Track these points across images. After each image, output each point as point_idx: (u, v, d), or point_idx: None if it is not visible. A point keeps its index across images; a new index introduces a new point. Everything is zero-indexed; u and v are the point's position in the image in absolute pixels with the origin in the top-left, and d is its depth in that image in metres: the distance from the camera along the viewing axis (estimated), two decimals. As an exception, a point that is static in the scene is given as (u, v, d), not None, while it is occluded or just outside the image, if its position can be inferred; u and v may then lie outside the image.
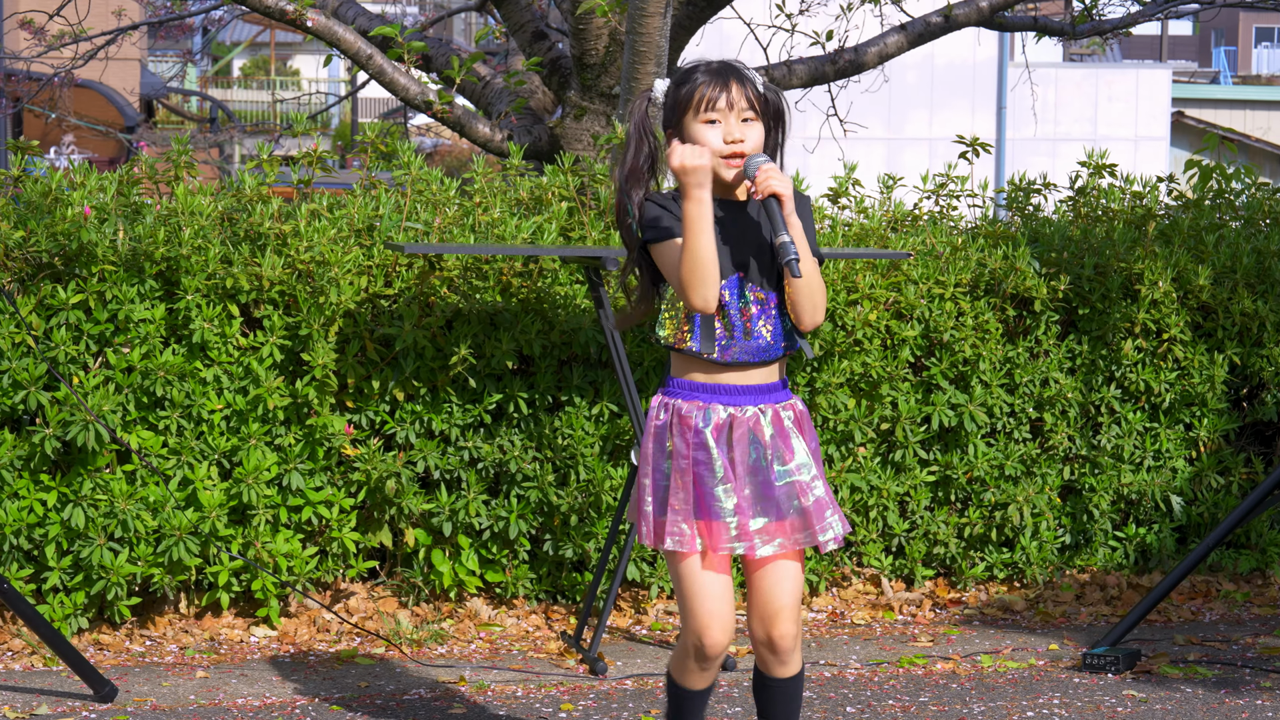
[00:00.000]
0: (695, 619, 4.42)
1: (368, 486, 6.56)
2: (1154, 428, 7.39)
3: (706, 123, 4.36)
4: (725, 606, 4.43)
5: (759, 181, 4.31)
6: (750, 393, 4.41)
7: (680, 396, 4.42)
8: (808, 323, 4.40)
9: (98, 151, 22.26)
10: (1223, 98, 34.21)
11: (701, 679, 4.55)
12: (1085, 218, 7.66)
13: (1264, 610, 7.17)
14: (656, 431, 4.44)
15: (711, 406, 4.39)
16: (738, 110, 4.37)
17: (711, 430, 4.37)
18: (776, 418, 4.42)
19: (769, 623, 4.46)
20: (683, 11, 9.33)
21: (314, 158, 6.94)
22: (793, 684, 4.56)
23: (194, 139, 22.90)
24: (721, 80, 4.37)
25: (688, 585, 4.42)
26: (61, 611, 6.27)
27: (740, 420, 4.39)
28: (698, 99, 4.36)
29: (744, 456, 4.38)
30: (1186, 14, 12.21)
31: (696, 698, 4.59)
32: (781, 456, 4.41)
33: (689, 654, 4.49)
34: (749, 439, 4.39)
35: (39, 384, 6.21)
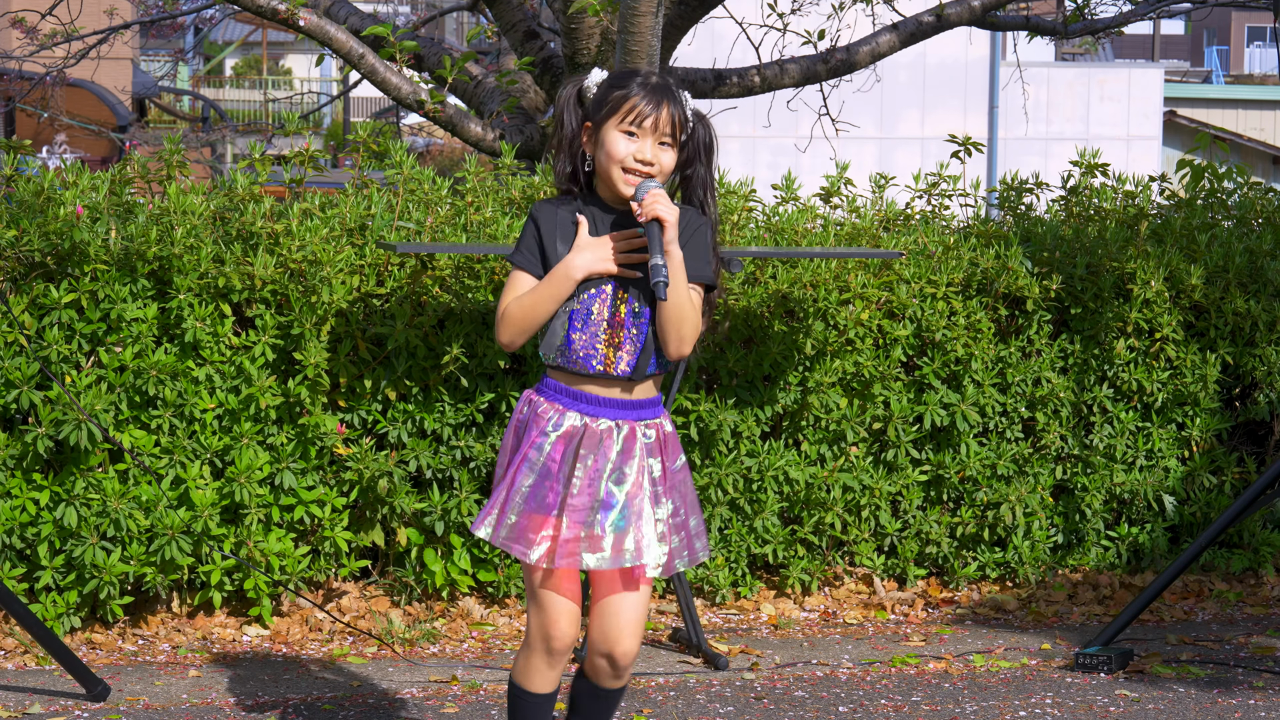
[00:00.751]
0: (540, 612, 4.41)
1: (360, 486, 6.56)
2: (1146, 427, 7.39)
3: (625, 133, 4.35)
4: (570, 603, 4.42)
5: (645, 204, 4.29)
6: (610, 405, 4.39)
7: (544, 395, 4.42)
8: (672, 352, 4.36)
9: (90, 151, 22.27)
10: (1215, 97, 34.24)
11: (547, 679, 4.49)
12: (1077, 217, 7.67)
13: (1256, 610, 7.17)
14: (516, 426, 4.44)
15: (567, 412, 4.38)
16: (659, 133, 4.36)
17: (557, 436, 4.36)
18: (630, 435, 4.39)
19: (612, 642, 4.44)
20: (675, 11, 9.33)
21: (306, 157, 6.94)
22: (620, 693, 4.57)
23: (186, 138, 22.88)
24: (655, 99, 4.36)
25: (532, 579, 4.42)
26: (54, 610, 6.27)
27: (591, 431, 4.37)
28: (626, 108, 4.35)
29: (585, 466, 4.34)
30: (1178, 13, 12.23)
31: (544, 702, 4.52)
32: (620, 475, 4.37)
33: (535, 650, 4.46)
34: (596, 450, 4.36)
35: (31, 383, 6.21)
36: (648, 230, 4.31)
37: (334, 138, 38.56)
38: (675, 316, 4.33)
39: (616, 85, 4.39)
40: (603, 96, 4.40)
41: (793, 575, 7.00)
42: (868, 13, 10.76)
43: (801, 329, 6.90)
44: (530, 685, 4.51)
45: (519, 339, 4.39)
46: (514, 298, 4.38)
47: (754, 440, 6.94)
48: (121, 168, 6.75)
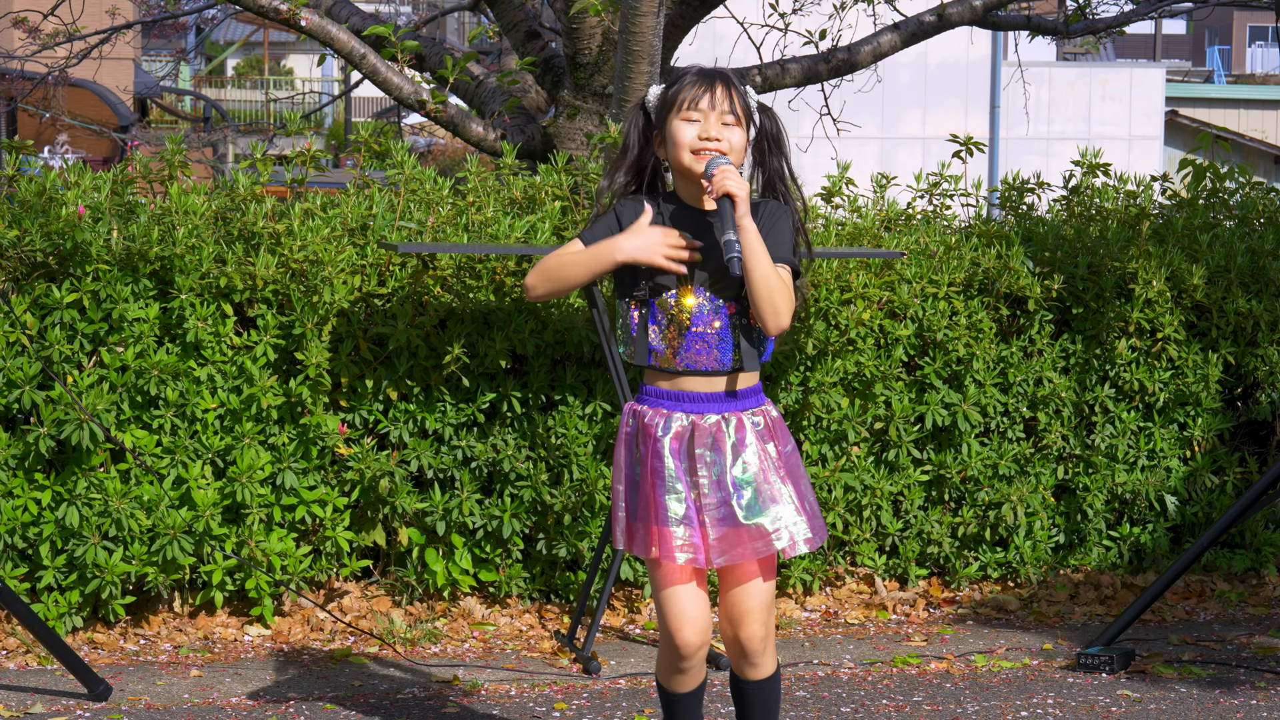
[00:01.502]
0: (667, 620, 4.49)
1: (361, 485, 6.56)
2: (1148, 427, 7.39)
3: (687, 120, 4.40)
4: (695, 608, 4.47)
5: (715, 180, 4.34)
6: (713, 400, 4.43)
7: (646, 403, 4.46)
8: (770, 326, 4.39)
9: (92, 151, 22.27)
10: (1216, 97, 34.23)
11: (684, 681, 4.58)
12: (1079, 217, 7.67)
13: (1258, 610, 7.17)
14: (626, 439, 4.49)
15: (673, 414, 4.42)
16: (719, 112, 4.41)
17: (670, 439, 4.40)
18: (740, 425, 4.43)
19: (736, 625, 4.51)
20: (676, 11, 9.33)
21: (308, 157, 6.94)
22: (766, 685, 4.60)
23: (188, 138, 22.88)
24: (707, 81, 4.42)
25: (659, 588, 4.48)
26: (56, 610, 6.27)
27: (702, 428, 4.41)
28: (682, 98, 4.41)
29: (705, 464, 4.40)
30: (1180, 13, 12.23)
31: (685, 700, 4.62)
32: (743, 464, 4.42)
33: (667, 656, 4.55)
34: (710, 446, 4.40)
35: (33, 383, 6.21)
36: (719, 206, 4.34)
37: (335, 138, 38.57)
38: (764, 290, 4.34)
39: (670, 84, 4.47)
40: (661, 101, 4.48)
41: (794, 575, 7.00)
42: (869, 13, 10.76)
43: (803, 329, 6.89)
44: (671, 686, 4.62)
45: (540, 287, 4.43)
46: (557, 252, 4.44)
47: (755, 440, 6.93)
48: (123, 168, 6.75)
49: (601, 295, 6.24)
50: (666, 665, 4.57)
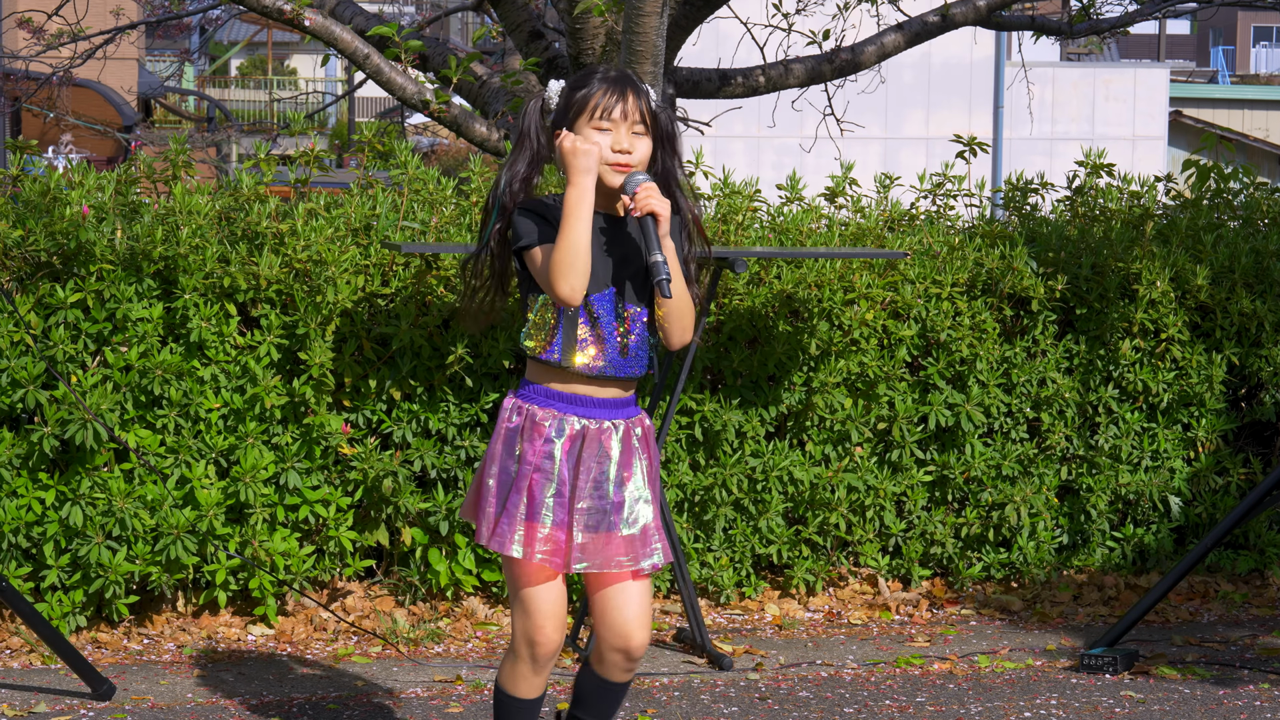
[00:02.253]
0: (530, 618, 4.42)
1: (365, 485, 6.56)
2: (1152, 428, 7.39)
3: (598, 129, 4.36)
4: (557, 607, 4.44)
5: (638, 198, 4.31)
6: (605, 406, 4.41)
7: (535, 402, 4.41)
8: (676, 342, 4.41)
9: (95, 151, 22.27)
10: (1221, 97, 34.20)
11: (533, 685, 4.52)
12: (1083, 217, 7.66)
13: (1262, 611, 7.17)
14: (507, 434, 4.42)
15: (566, 417, 4.39)
16: (630, 122, 4.38)
17: (564, 441, 4.38)
18: (627, 434, 4.43)
19: (626, 636, 4.46)
20: (679, 11, 9.32)
21: (311, 157, 6.94)
22: (627, 686, 4.59)
23: (191, 138, 22.90)
24: (619, 89, 4.38)
25: (521, 587, 4.43)
26: (60, 610, 6.27)
27: (593, 433, 4.39)
28: (593, 104, 4.37)
29: (588, 470, 4.38)
30: (1184, 13, 12.21)
31: (529, 708, 4.54)
32: (622, 476, 4.41)
33: (521, 657, 4.48)
34: (598, 452, 4.39)
35: (37, 382, 6.21)
36: (642, 225, 4.32)
37: (339, 138, 38.56)
38: (678, 309, 4.37)
39: (578, 86, 4.41)
40: (566, 101, 4.42)
41: (797, 575, 7.00)
42: (873, 13, 10.75)
43: (806, 329, 6.89)
44: (516, 691, 4.53)
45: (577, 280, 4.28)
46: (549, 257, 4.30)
47: (758, 440, 6.94)
48: (127, 168, 6.75)
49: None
50: (519, 667, 4.49)
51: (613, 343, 4.38)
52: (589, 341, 4.38)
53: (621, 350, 4.39)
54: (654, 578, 6.78)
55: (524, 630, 4.44)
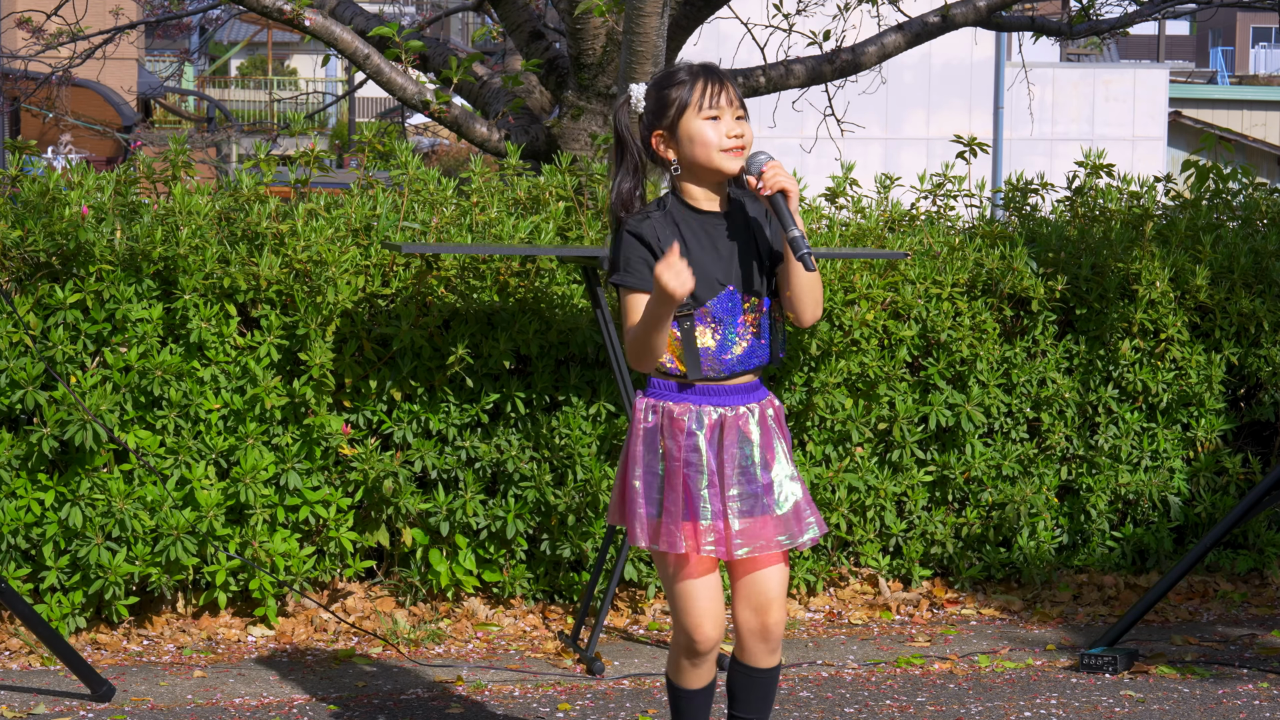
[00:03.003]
0: (687, 616, 4.48)
1: (365, 486, 6.56)
2: (1151, 428, 7.39)
3: (708, 119, 4.39)
4: (714, 604, 4.49)
5: (766, 177, 4.36)
6: (737, 392, 4.46)
7: (668, 398, 4.44)
8: (809, 318, 4.45)
9: (95, 151, 22.26)
10: (1220, 98, 34.21)
11: (697, 677, 4.59)
12: (1082, 218, 7.66)
13: (1261, 610, 7.17)
14: (646, 434, 4.46)
15: (702, 408, 4.42)
16: (734, 107, 4.43)
17: (705, 432, 4.41)
18: (762, 416, 4.47)
19: (762, 611, 4.52)
20: (680, 11, 9.33)
21: (311, 157, 6.94)
22: (776, 674, 4.63)
23: (191, 138, 22.90)
24: (717, 78, 4.43)
25: (679, 584, 4.48)
26: (59, 611, 6.27)
27: (731, 421, 4.43)
28: (699, 96, 4.40)
29: (733, 457, 4.42)
30: (1184, 14, 12.22)
31: (695, 697, 4.62)
32: (766, 458, 4.45)
33: (681, 652, 4.55)
34: (739, 439, 4.42)
35: (36, 383, 6.21)
36: (773, 203, 4.35)
37: (339, 138, 38.55)
38: (814, 284, 4.41)
39: (669, 84, 4.43)
40: (663, 100, 4.44)
41: (798, 576, 7.00)
42: (873, 14, 10.75)
43: (806, 329, 6.89)
44: (684, 683, 4.62)
45: (651, 364, 4.39)
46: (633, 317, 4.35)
47: (759, 441, 6.92)
48: (126, 168, 6.75)
49: (605, 297, 6.24)
50: (681, 661, 4.57)
51: (740, 339, 4.42)
52: (711, 349, 4.41)
53: (749, 343, 4.43)
54: (655, 576, 6.79)
55: (683, 629, 4.51)
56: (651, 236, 4.38)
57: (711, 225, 4.44)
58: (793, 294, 4.43)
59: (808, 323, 4.46)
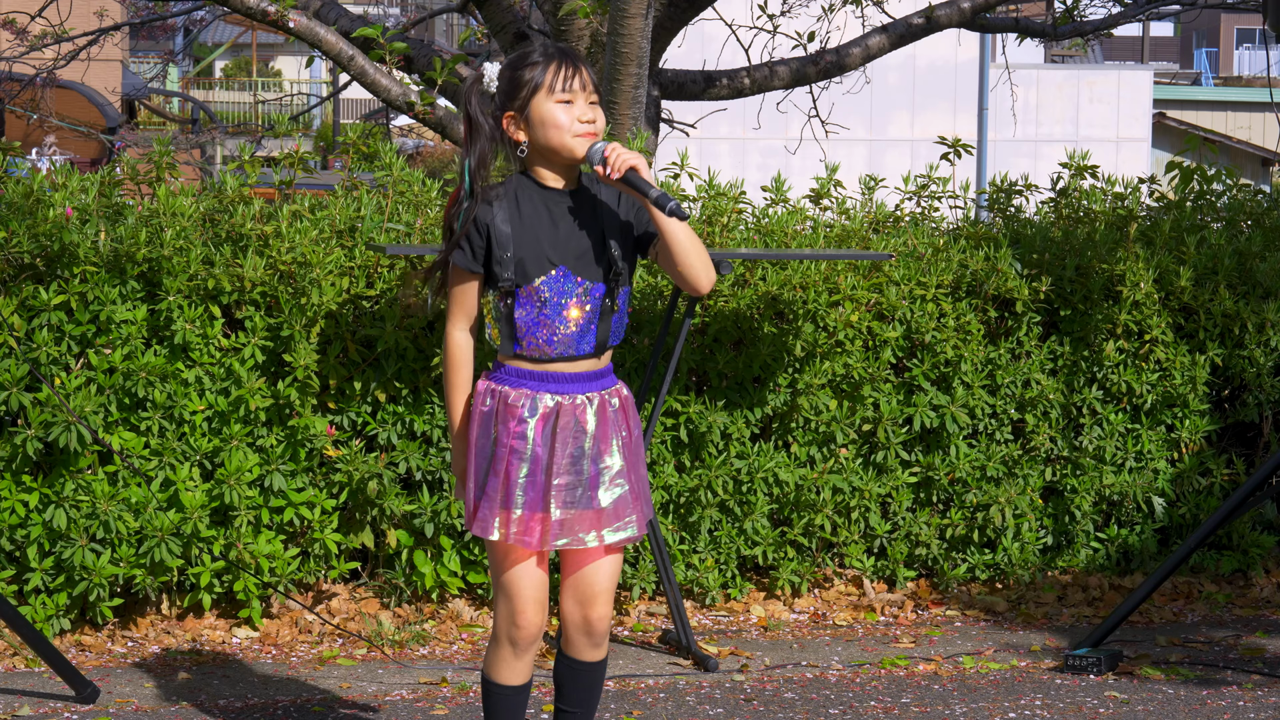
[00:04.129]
0: (511, 601, 4.45)
1: (349, 488, 6.55)
2: (1136, 429, 7.40)
3: (561, 103, 4.38)
4: (536, 590, 4.47)
5: (611, 162, 4.34)
6: (578, 380, 4.44)
7: (507, 383, 4.43)
8: (704, 281, 4.41)
9: (79, 152, 22.23)
10: (1204, 99, 34.28)
11: (514, 672, 4.54)
12: (1067, 219, 7.67)
13: (1246, 611, 7.18)
14: (481, 418, 4.44)
15: (539, 395, 4.41)
16: (587, 92, 4.41)
17: (537, 420, 4.40)
18: (603, 406, 4.44)
19: (586, 604, 4.50)
20: (664, 13, 9.33)
21: (296, 159, 6.94)
22: (600, 668, 4.61)
23: (176, 140, 22.87)
24: (571, 63, 4.41)
25: (500, 570, 4.46)
26: (44, 613, 6.26)
27: (567, 408, 4.41)
28: (551, 78, 4.38)
29: (565, 446, 4.40)
30: (1168, 15, 12.24)
31: (513, 695, 4.56)
32: (599, 450, 4.43)
33: (502, 641, 4.51)
34: (573, 427, 4.40)
35: (21, 385, 6.20)
36: (628, 181, 4.33)
37: (323, 139, 38.52)
38: (694, 242, 4.38)
39: (523, 65, 4.41)
40: (515, 81, 4.42)
41: (782, 577, 7.00)
42: (857, 15, 10.77)
43: (791, 331, 6.90)
44: (499, 677, 4.55)
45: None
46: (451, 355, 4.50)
47: (744, 442, 6.94)
48: (111, 169, 6.74)
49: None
50: (501, 651, 4.52)
51: (567, 322, 4.39)
52: (538, 326, 4.39)
53: (576, 328, 4.40)
54: (639, 577, 6.79)
55: (505, 613, 4.47)
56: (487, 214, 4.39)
57: (554, 202, 4.42)
58: (676, 262, 4.38)
59: (704, 288, 4.40)
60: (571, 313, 4.39)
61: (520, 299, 4.39)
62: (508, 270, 4.38)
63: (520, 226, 4.38)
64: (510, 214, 4.39)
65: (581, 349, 4.42)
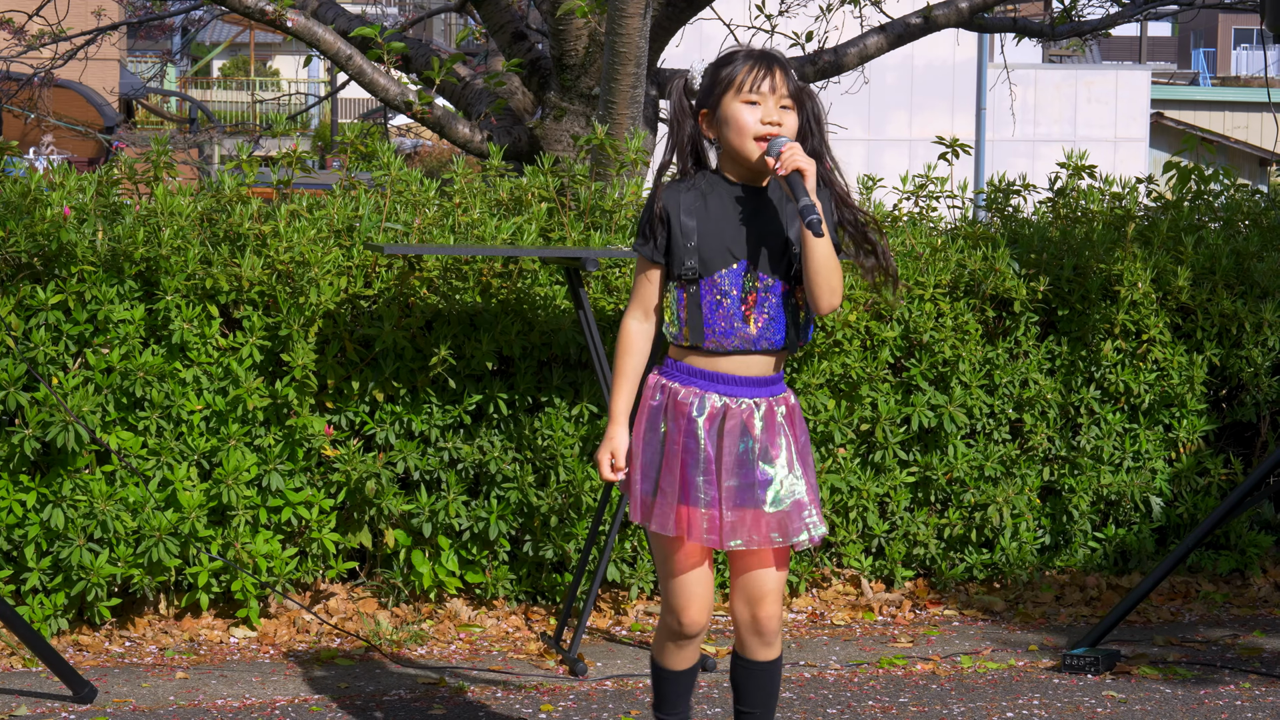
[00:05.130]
0: (674, 598, 4.52)
1: (347, 487, 6.55)
2: (1133, 429, 7.40)
3: (747, 103, 4.42)
4: (703, 588, 4.52)
5: (783, 158, 4.37)
6: (747, 384, 4.46)
7: (677, 380, 4.47)
8: (825, 304, 4.44)
9: (77, 152, 22.24)
10: (1202, 99, 34.29)
11: (680, 659, 4.63)
12: (1064, 219, 7.67)
13: (1243, 611, 7.18)
14: (650, 411, 4.49)
15: (707, 394, 4.44)
16: (778, 96, 4.44)
17: (704, 419, 4.43)
18: (770, 412, 4.47)
19: (755, 604, 4.54)
20: (662, 12, 9.33)
21: (293, 158, 6.93)
22: (774, 667, 4.64)
23: (173, 139, 22.85)
24: (766, 65, 4.44)
25: (669, 566, 4.51)
26: (41, 613, 6.26)
27: (734, 411, 4.44)
28: (741, 79, 4.42)
29: (733, 448, 4.43)
30: (1166, 15, 12.24)
31: (678, 678, 4.66)
32: (768, 453, 4.44)
33: (668, 633, 4.59)
34: (740, 430, 4.43)
35: (18, 384, 6.20)
36: (789, 181, 4.36)
37: (321, 139, 38.54)
38: (827, 264, 4.40)
39: (724, 64, 4.48)
40: (711, 80, 4.48)
41: (780, 577, 7.00)
42: (855, 15, 10.77)
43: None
44: (668, 664, 4.66)
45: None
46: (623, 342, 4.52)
47: (741, 442, 6.93)
48: (108, 169, 6.74)
49: (588, 298, 6.24)
50: (666, 643, 4.61)
51: (741, 316, 4.42)
52: (717, 319, 4.42)
53: (755, 324, 4.43)
54: (638, 577, 6.79)
55: (672, 610, 4.55)
56: (673, 205, 4.44)
57: (740, 198, 4.46)
58: (806, 276, 4.41)
59: (824, 309, 4.43)
60: (751, 307, 4.43)
61: (702, 289, 4.42)
62: (690, 259, 4.41)
63: (705, 219, 4.43)
64: (696, 207, 4.44)
65: (759, 345, 4.44)
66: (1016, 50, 14.89)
